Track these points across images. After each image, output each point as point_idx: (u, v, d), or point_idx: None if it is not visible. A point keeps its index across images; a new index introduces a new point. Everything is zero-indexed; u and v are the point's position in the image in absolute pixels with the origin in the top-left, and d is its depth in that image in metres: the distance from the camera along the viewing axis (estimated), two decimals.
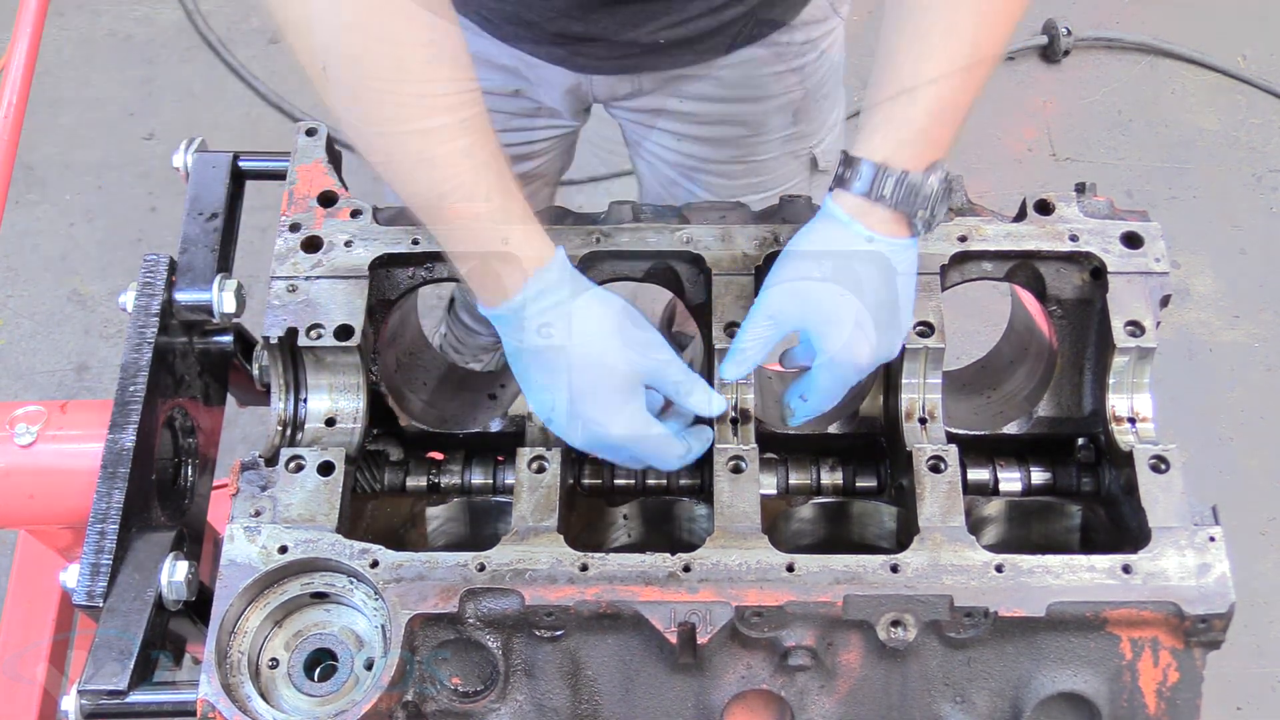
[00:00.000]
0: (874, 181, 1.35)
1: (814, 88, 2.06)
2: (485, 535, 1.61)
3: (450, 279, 1.60)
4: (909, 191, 1.35)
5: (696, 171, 2.14)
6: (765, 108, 2.03)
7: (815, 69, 2.03)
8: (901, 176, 1.35)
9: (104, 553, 1.41)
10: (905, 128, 1.35)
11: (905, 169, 1.35)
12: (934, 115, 1.35)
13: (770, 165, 2.14)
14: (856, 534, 1.61)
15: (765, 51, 1.93)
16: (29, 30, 2.18)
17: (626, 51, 1.86)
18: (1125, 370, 1.48)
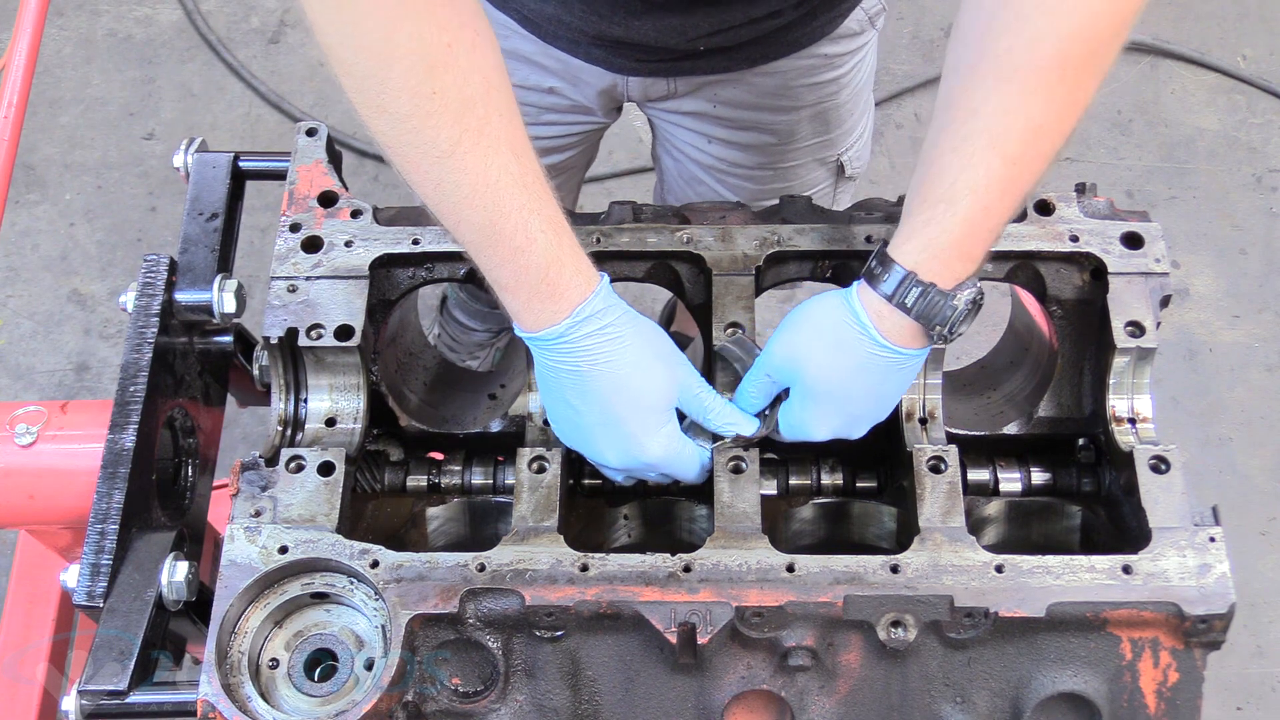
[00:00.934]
0: (899, 287, 1.34)
1: (847, 98, 2.08)
2: (485, 535, 1.61)
3: (450, 279, 1.60)
4: (931, 306, 1.33)
5: (723, 173, 2.15)
6: (797, 116, 2.04)
7: (849, 80, 2.05)
8: (927, 289, 1.33)
9: (104, 553, 1.41)
10: (941, 237, 1.33)
11: (934, 281, 1.33)
12: (970, 227, 1.33)
13: (797, 171, 2.14)
14: (856, 534, 1.61)
15: (801, 62, 1.94)
16: (29, 30, 2.17)
17: (665, 56, 1.87)
18: (1125, 371, 1.48)
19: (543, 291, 1.34)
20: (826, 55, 1.96)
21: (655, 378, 1.40)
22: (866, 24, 1.98)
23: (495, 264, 1.35)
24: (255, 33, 4.01)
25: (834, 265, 1.57)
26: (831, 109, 2.07)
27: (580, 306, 1.35)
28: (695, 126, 2.08)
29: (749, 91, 1.97)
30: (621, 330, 1.38)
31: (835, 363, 1.39)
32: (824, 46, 1.94)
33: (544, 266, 1.33)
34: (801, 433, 1.44)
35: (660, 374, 1.40)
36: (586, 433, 1.42)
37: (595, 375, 1.37)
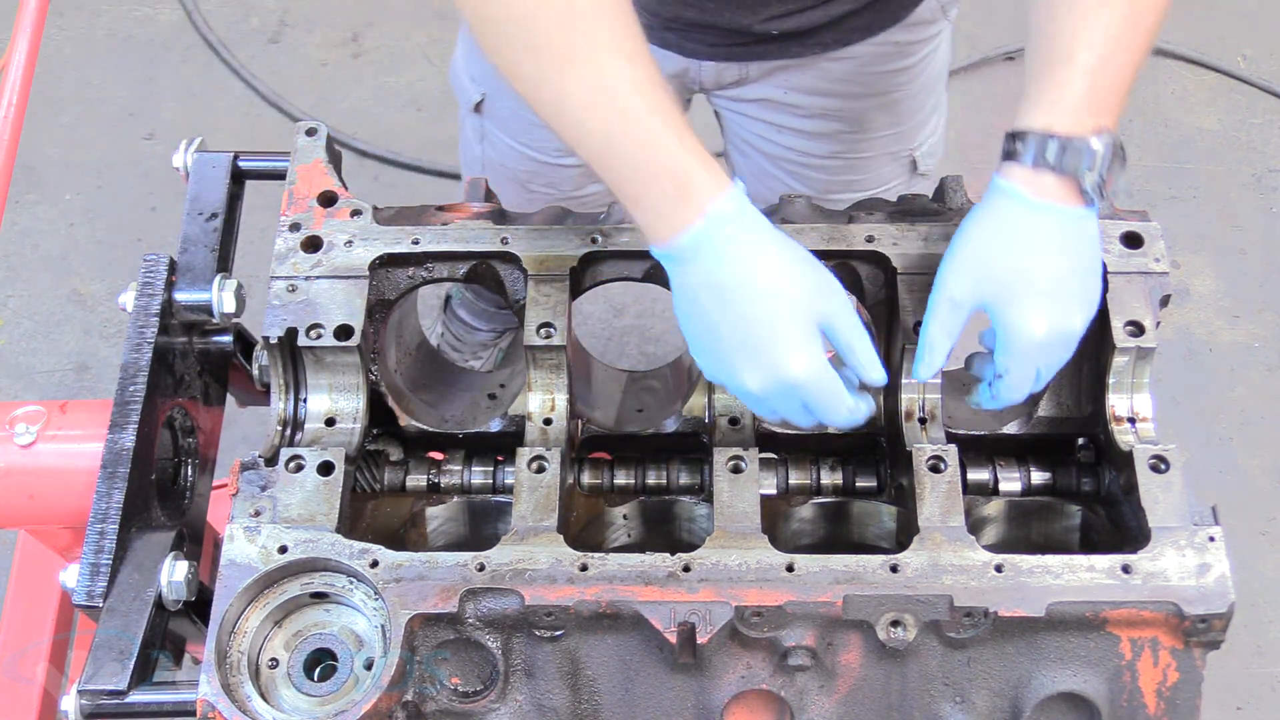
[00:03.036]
0: (1037, 149, 1.33)
1: (918, 89, 2.08)
2: (485, 535, 1.61)
3: (450, 279, 1.60)
4: (1074, 155, 1.32)
5: (794, 165, 2.14)
6: (869, 105, 2.04)
7: (921, 70, 2.05)
8: (1065, 141, 1.32)
9: (104, 553, 1.41)
10: (1065, 94, 1.33)
11: (1069, 134, 1.32)
12: (1094, 79, 1.33)
13: (869, 164, 2.14)
14: (856, 534, 1.61)
15: (874, 49, 1.94)
16: (29, 30, 2.17)
17: (738, 40, 1.88)
18: (1125, 370, 1.48)
19: (672, 194, 1.30)
20: (898, 43, 1.96)
21: (800, 285, 1.32)
22: (939, 12, 1.99)
23: (622, 175, 1.32)
24: (255, 33, 4.01)
25: (833, 265, 1.57)
26: (904, 99, 2.07)
27: (714, 206, 1.30)
28: (765, 116, 2.07)
29: (820, 77, 1.97)
30: (761, 234, 1.32)
31: (1011, 249, 1.34)
32: (896, 34, 1.94)
33: (671, 168, 1.29)
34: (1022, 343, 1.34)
35: (806, 282, 1.33)
36: (726, 355, 1.33)
37: (735, 282, 1.30)
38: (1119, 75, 1.35)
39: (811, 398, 1.33)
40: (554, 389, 1.53)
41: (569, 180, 2.23)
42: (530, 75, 1.32)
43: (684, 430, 1.58)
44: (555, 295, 1.52)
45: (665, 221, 1.31)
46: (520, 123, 2.17)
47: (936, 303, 1.38)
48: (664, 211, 1.31)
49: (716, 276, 1.31)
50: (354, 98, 3.88)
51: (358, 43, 4.00)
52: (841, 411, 1.35)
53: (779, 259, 1.32)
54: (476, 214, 1.59)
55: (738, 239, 1.31)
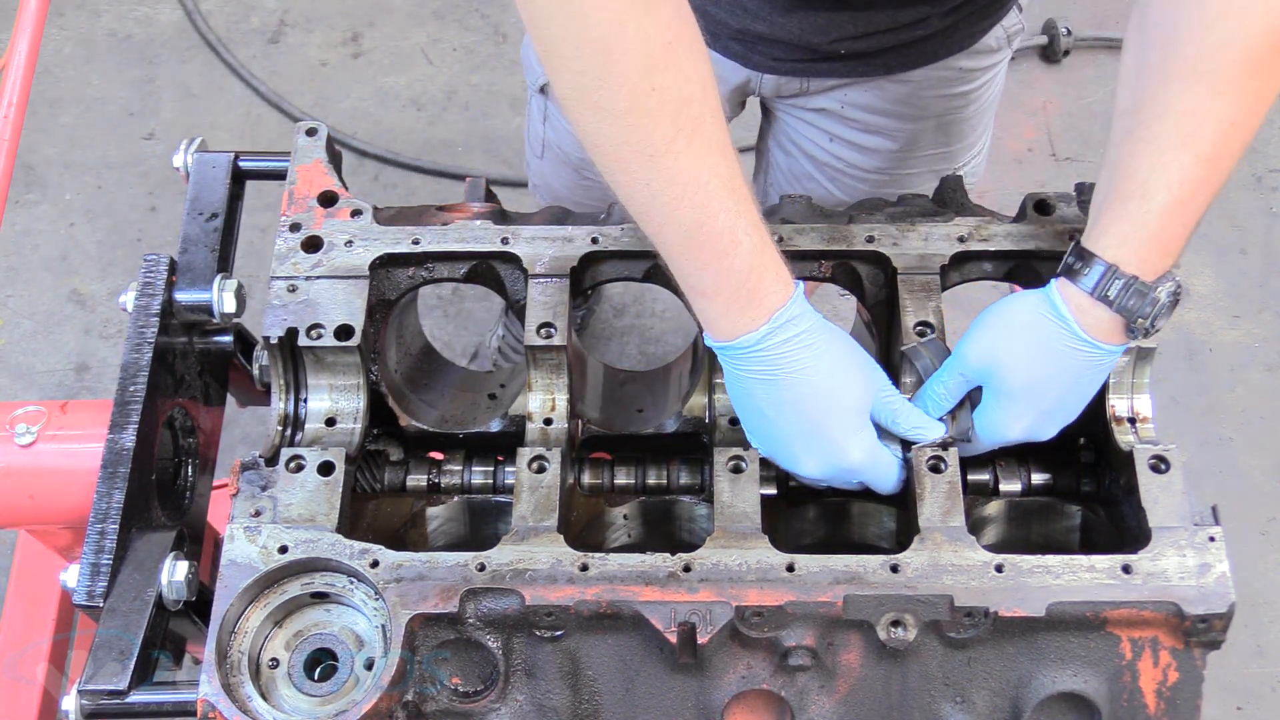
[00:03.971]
0: (1101, 280, 1.34)
1: (973, 114, 2.09)
2: (485, 535, 1.61)
3: (450, 279, 1.60)
4: (1135, 298, 1.34)
5: (837, 172, 2.15)
6: (924, 126, 2.05)
7: (979, 95, 2.06)
8: (1130, 281, 1.33)
9: (104, 553, 1.41)
10: (1138, 231, 1.33)
11: (1136, 274, 1.33)
12: (1168, 220, 1.33)
13: (912, 180, 2.14)
14: (856, 534, 1.61)
15: (937, 73, 1.95)
16: (29, 30, 2.18)
17: (804, 56, 1.88)
18: (1125, 370, 1.48)
19: (743, 298, 1.33)
20: (962, 69, 1.97)
21: (853, 382, 1.39)
22: (1005, 41, 1.99)
23: (697, 268, 1.33)
24: (255, 33, 4.01)
25: (833, 265, 1.57)
26: (956, 122, 2.07)
27: (778, 313, 1.33)
28: (820, 123, 2.08)
29: (880, 97, 1.98)
30: (816, 337, 1.36)
31: (1035, 359, 1.38)
32: (961, 60, 1.95)
33: (747, 271, 1.32)
34: (996, 434, 1.43)
35: (857, 378, 1.40)
36: (783, 442, 1.41)
37: (792, 382, 1.36)
38: (1191, 217, 1.35)
39: (868, 476, 1.42)
40: (554, 389, 1.54)
41: None
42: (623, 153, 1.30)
43: (684, 430, 1.58)
44: (555, 295, 1.52)
45: (732, 322, 1.35)
46: None
47: (950, 370, 1.43)
48: (731, 312, 1.34)
49: (776, 375, 1.36)
50: (354, 98, 3.88)
51: (358, 43, 4.00)
52: (893, 483, 1.44)
53: (833, 359, 1.37)
54: (476, 214, 1.59)
55: (795, 342, 1.35)
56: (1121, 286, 1.33)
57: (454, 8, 4.05)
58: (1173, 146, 1.32)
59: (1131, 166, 1.34)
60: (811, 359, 1.36)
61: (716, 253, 1.31)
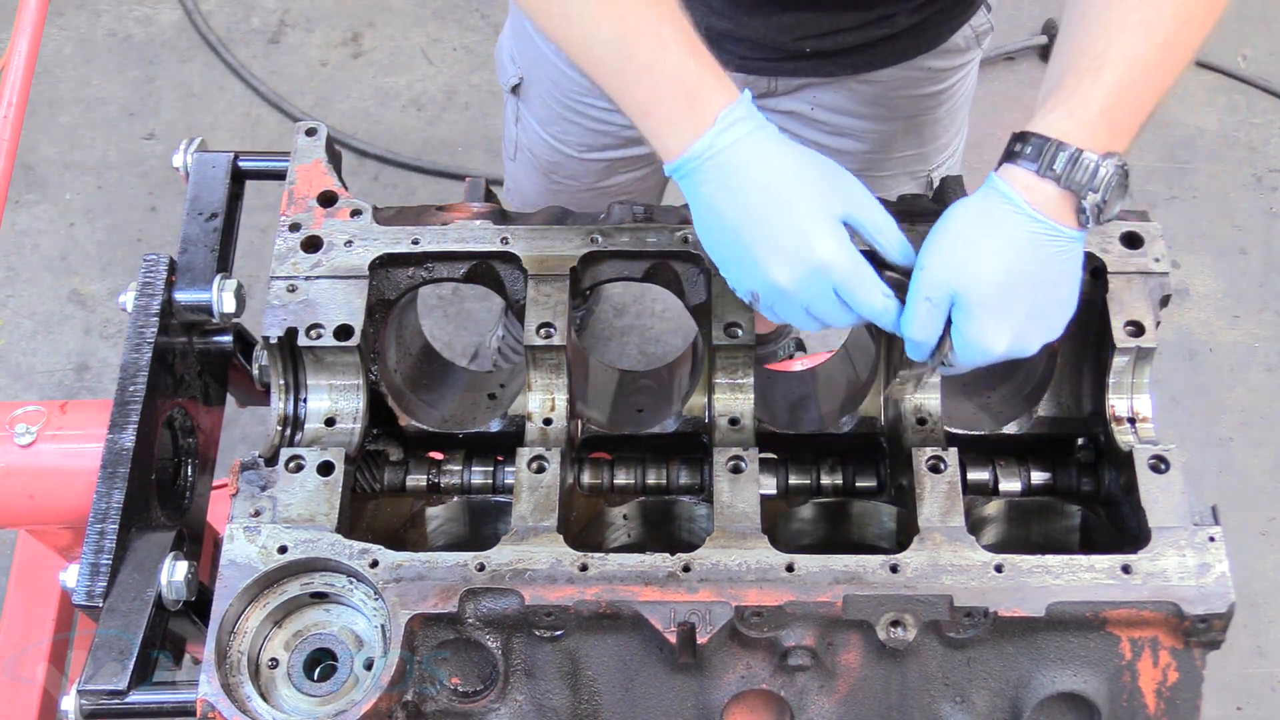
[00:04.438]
0: (1043, 155, 1.29)
1: (944, 114, 2.07)
2: (485, 535, 1.61)
3: (450, 279, 1.60)
4: (1081, 171, 1.28)
5: None
6: (894, 127, 2.03)
7: (948, 96, 2.04)
8: (1074, 154, 1.28)
9: (104, 553, 1.41)
10: (1084, 106, 1.30)
11: (1079, 148, 1.28)
12: (1117, 98, 1.30)
13: (886, 184, 2.13)
14: (856, 534, 1.61)
15: (905, 73, 1.94)
16: (29, 30, 2.18)
17: (769, 55, 1.87)
18: (1125, 370, 1.48)
19: (683, 103, 1.29)
20: (931, 69, 1.95)
21: (819, 176, 1.32)
22: (973, 41, 1.98)
23: (631, 86, 1.31)
24: (255, 33, 4.01)
25: None
26: (928, 123, 2.06)
27: (725, 113, 1.29)
28: (789, 126, 2.05)
29: (849, 98, 1.97)
30: (772, 135, 1.31)
31: (996, 254, 1.30)
32: (929, 60, 1.94)
33: (681, 76, 1.29)
34: (976, 351, 1.32)
35: (825, 174, 1.33)
36: (753, 256, 1.31)
37: (754, 180, 1.29)
38: (1142, 102, 1.32)
39: (844, 282, 1.31)
40: (554, 389, 1.54)
41: (591, 174, 2.23)
42: None
43: (684, 430, 1.58)
44: (555, 295, 1.52)
45: (676, 132, 1.31)
46: (549, 114, 2.17)
47: (914, 301, 1.33)
48: (675, 120, 1.30)
49: (734, 178, 1.30)
50: (354, 98, 3.88)
51: (358, 43, 4.00)
52: (877, 297, 1.32)
53: (795, 155, 1.32)
54: (476, 214, 1.59)
55: (751, 140, 1.30)
56: (1066, 159, 1.28)
57: (454, 8, 4.05)
58: (1131, 25, 1.30)
59: (1084, 43, 1.31)
60: (771, 156, 1.30)
61: (645, 64, 1.29)
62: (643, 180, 2.28)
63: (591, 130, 2.13)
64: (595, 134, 2.13)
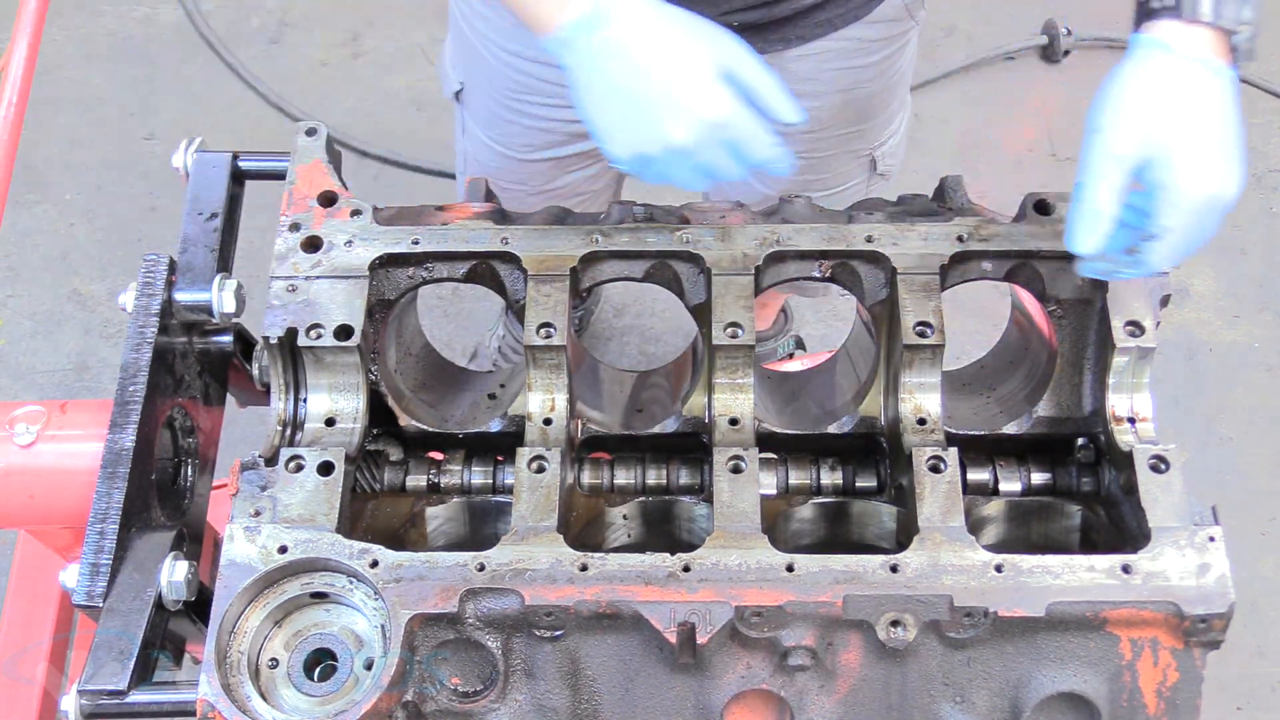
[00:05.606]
0: (1190, 2, 1.32)
1: (881, 89, 2.06)
2: (485, 535, 1.61)
3: (450, 279, 1.60)
4: (1230, 6, 1.31)
5: None
6: (830, 103, 2.03)
7: (884, 69, 2.03)
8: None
9: (104, 553, 1.41)
10: None
11: None
12: None
13: (828, 163, 2.12)
14: (856, 534, 1.61)
15: (836, 45, 1.93)
16: (29, 30, 2.17)
17: None
18: (1125, 370, 1.48)
19: None
20: (860, 39, 1.95)
21: (700, 36, 1.34)
22: (903, 12, 1.97)
23: None
24: (255, 33, 4.01)
25: (834, 265, 1.57)
26: (863, 97, 2.05)
27: None
28: None
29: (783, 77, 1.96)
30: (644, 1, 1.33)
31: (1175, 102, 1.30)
32: (856, 30, 1.93)
33: None
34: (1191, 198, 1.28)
35: (705, 33, 1.35)
36: (643, 115, 1.33)
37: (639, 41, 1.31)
38: None
39: (736, 134, 1.34)
40: (554, 389, 1.54)
41: (537, 176, 2.22)
42: None
43: (684, 430, 1.58)
44: (555, 295, 1.52)
45: (546, 11, 1.31)
46: (490, 116, 2.15)
47: (1099, 159, 1.30)
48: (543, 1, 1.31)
49: (618, 42, 1.31)
50: (354, 98, 3.88)
51: (358, 43, 4.00)
52: (767, 144, 1.36)
53: (674, 17, 1.34)
54: (476, 214, 1.59)
55: (634, 3, 1.31)
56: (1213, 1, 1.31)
57: None
58: None
59: None
60: (655, 16, 1.32)
61: None
62: (593, 180, 2.26)
63: (532, 129, 2.11)
64: (537, 132, 2.12)
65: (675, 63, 1.32)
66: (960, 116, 3.85)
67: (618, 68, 1.33)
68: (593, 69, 1.34)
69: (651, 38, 1.32)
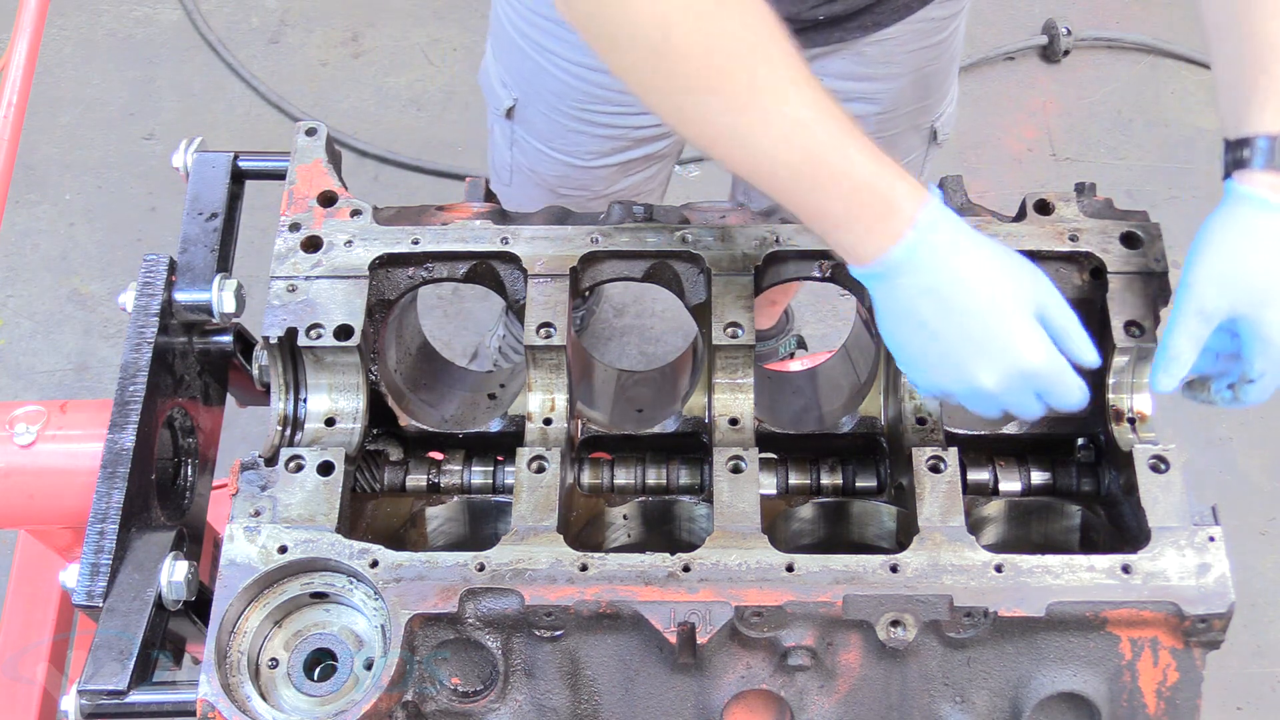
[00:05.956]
0: (1271, 153, 1.32)
1: (946, 63, 2.07)
2: (485, 535, 1.61)
3: (450, 279, 1.60)
4: None
5: None
6: (902, 84, 2.03)
7: (949, 43, 2.04)
8: None
9: (104, 553, 1.41)
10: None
11: None
12: None
13: (895, 140, 2.12)
14: (856, 534, 1.61)
15: (909, 28, 1.93)
16: (29, 30, 2.18)
17: None
18: (1125, 370, 1.49)
19: (876, 211, 1.28)
20: (934, 19, 1.95)
21: (1017, 278, 1.32)
22: None
23: (819, 202, 1.29)
24: (255, 33, 4.01)
25: (834, 265, 1.57)
26: (932, 74, 2.06)
27: (921, 215, 1.28)
28: None
29: (857, 62, 1.96)
30: (969, 235, 1.31)
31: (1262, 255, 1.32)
32: (933, 10, 1.93)
33: (871, 186, 1.27)
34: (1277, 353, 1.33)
35: (1021, 275, 1.33)
36: (955, 358, 1.31)
37: (958, 284, 1.29)
38: None
39: (1047, 384, 1.32)
40: (554, 389, 1.54)
41: (600, 181, 2.22)
42: (701, 115, 1.29)
43: (684, 430, 1.58)
44: (555, 295, 1.52)
45: (873, 240, 1.30)
46: (553, 127, 2.15)
47: (1184, 313, 1.35)
48: (872, 230, 1.29)
49: (935, 282, 1.29)
50: (354, 98, 3.88)
51: (358, 43, 4.00)
52: (1075, 392, 1.34)
53: (993, 256, 1.32)
54: (476, 214, 1.59)
55: (950, 243, 1.30)
56: None
57: (454, 8, 4.05)
58: None
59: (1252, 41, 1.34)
60: (973, 257, 1.30)
61: (833, 179, 1.27)
62: (651, 179, 2.27)
63: (600, 137, 2.12)
64: (605, 139, 2.12)
65: (992, 309, 1.30)
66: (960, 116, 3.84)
67: (932, 308, 1.30)
68: (908, 308, 1.32)
69: (970, 280, 1.30)
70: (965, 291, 1.29)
